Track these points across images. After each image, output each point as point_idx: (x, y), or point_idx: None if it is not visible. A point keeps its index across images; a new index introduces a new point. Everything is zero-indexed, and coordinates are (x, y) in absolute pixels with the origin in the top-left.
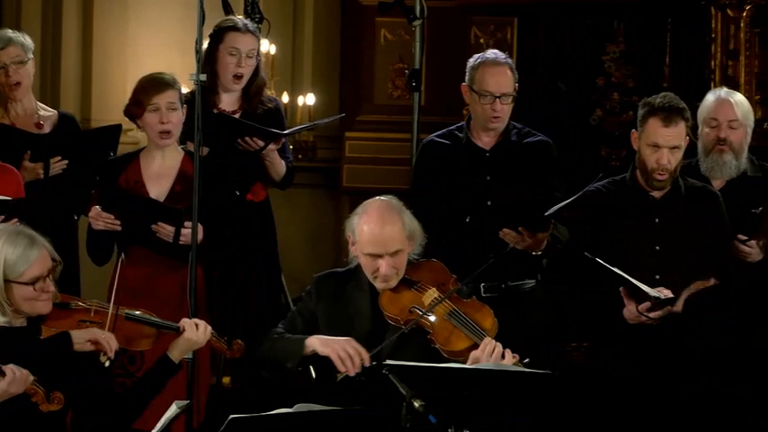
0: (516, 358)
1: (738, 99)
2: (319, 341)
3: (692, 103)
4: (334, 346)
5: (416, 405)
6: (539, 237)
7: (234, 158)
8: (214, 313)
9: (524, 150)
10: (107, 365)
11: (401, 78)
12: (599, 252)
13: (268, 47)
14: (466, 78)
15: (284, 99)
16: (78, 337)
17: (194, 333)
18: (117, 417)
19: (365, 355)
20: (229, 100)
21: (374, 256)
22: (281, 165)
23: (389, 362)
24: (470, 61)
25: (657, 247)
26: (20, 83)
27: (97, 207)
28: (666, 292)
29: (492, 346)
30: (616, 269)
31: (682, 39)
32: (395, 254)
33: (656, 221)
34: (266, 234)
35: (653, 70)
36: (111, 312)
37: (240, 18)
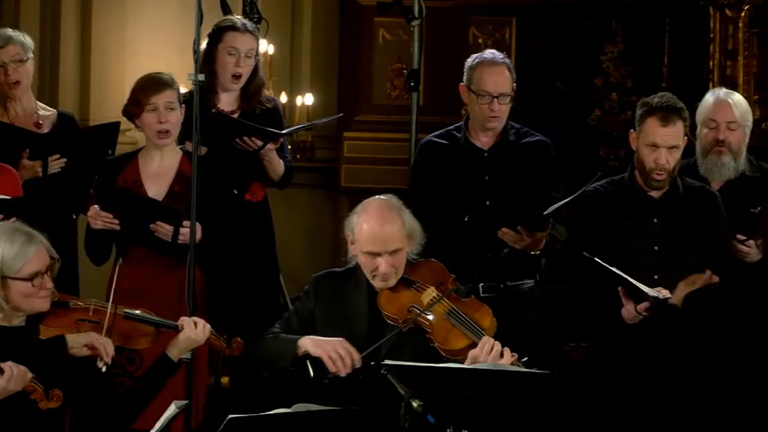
0: (515, 357)
1: (737, 100)
2: (311, 342)
3: (691, 103)
4: (326, 346)
5: (415, 405)
6: (537, 236)
7: (232, 158)
8: (214, 313)
9: (522, 150)
10: (104, 370)
11: (399, 78)
12: (597, 252)
13: (266, 47)
14: (464, 78)
15: (283, 99)
16: (74, 341)
17: (193, 331)
18: (117, 417)
19: (356, 357)
20: (228, 100)
21: (373, 254)
22: (279, 164)
23: (388, 362)
24: (468, 61)
25: (656, 247)
26: (19, 82)
27: (96, 206)
28: (665, 292)
29: (490, 344)
30: (614, 269)
31: (680, 39)
32: (394, 253)
33: (655, 221)
34: (265, 234)
35: (651, 70)
36: (110, 311)
37: (239, 18)
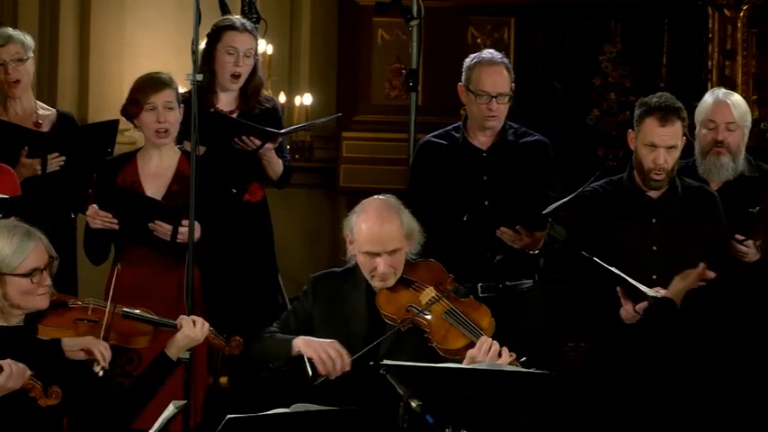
0: (513, 357)
1: (736, 100)
2: (304, 342)
3: (690, 103)
4: (317, 348)
5: (414, 405)
6: (536, 235)
7: (231, 158)
8: (214, 313)
9: (521, 150)
10: (101, 374)
11: (398, 78)
12: (596, 252)
13: (265, 47)
14: (462, 78)
15: (281, 99)
16: (70, 344)
17: (192, 330)
18: (116, 416)
19: (346, 360)
20: (227, 99)
21: (372, 254)
22: (278, 164)
23: (387, 362)
24: (466, 61)
25: (654, 247)
26: (19, 80)
27: (94, 205)
28: (663, 291)
29: (489, 344)
30: (613, 268)
31: (679, 39)
32: (393, 253)
33: (653, 221)
34: (263, 234)
35: (650, 70)
36: (109, 310)
37: (238, 18)
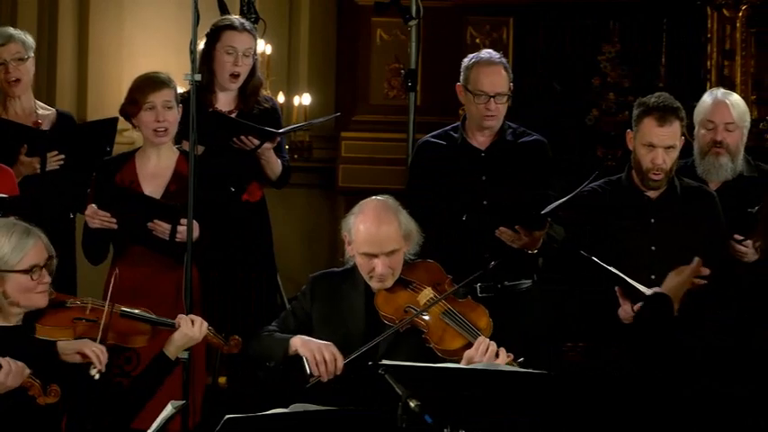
0: (510, 357)
1: (734, 100)
2: (301, 341)
3: (688, 103)
4: (313, 348)
5: (412, 405)
6: (535, 235)
7: (229, 157)
8: (214, 313)
9: (519, 150)
10: (96, 378)
11: (397, 78)
12: (595, 251)
13: (264, 47)
14: (460, 78)
15: (280, 99)
16: (65, 347)
17: (190, 329)
18: (115, 416)
19: (339, 364)
20: (226, 99)
21: (370, 255)
22: (276, 164)
23: (385, 362)
24: (465, 61)
25: (653, 248)
26: (19, 79)
27: (93, 205)
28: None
29: (486, 344)
30: (612, 268)
31: (677, 39)
32: (390, 254)
33: (652, 221)
34: (262, 234)
35: (649, 70)
36: (107, 309)
37: (237, 18)
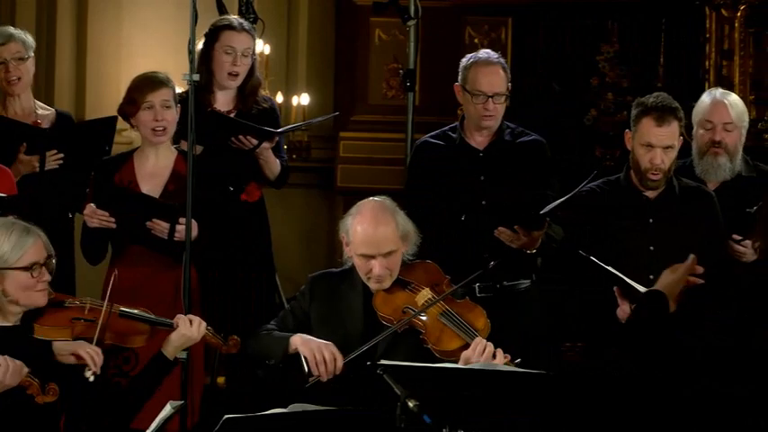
0: (507, 358)
1: (733, 100)
2: (301, 340)
3: (687, 103)
4: (313, 347)
5: (411, 405)
6: (534, 235)
7: (228, 157)
8: (214, 313)
9: (518, 150)
10: (91, 380)
11: (395, 78)
12: (594, 251)
13: (262, 47)
14: (459, 78)
15: (279, 99)
16: (61, 348)
17: (188, 329)
18: (114, 416)
19: (339, 364)
20: (224, 99)
21: (367, 256)
22: (275, 163)
23: (384, 362)
24: (463, 61)
25: (652, 248)
26: (20, 78)
27: (92, 204)
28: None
29: (483, 345)
30: (610, 268)
31: (676, 39)
32: (388, 255)
33: (651, 222)
34: (261, 234)
35: (647, 70)
36: (105, 309)
37: (236, 17)
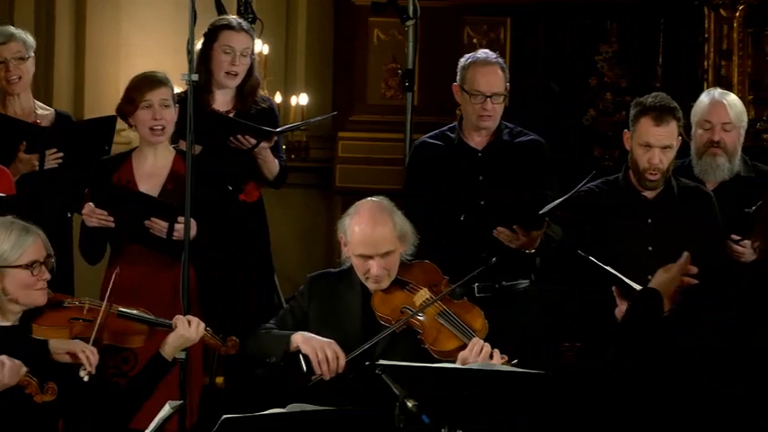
0: (505, 359)
1: (732, 100)
2: (303, 338)
3: (686, 103)
4: (315, 346)
5: (409, 405)
6: (533, 235)
7: (227, 157)
8: (214, 313)
9: (516, 150)
10: (86, 380)
11: (394, 78)
12: (592, 251)
13: (261, 47)
14: (457, 78)
15: (277, 99)
16: (57, 347)
17: (186, 329)
18: (113, 417)
19: (342, 362)
20: (223, 99)
21: (365, 257)
22: (273, 163)
23: (383, 362)
24: (461, 61)
25: (650, 248)
26: (20, 77)
27: (90, 204)
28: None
29: (480, 346)
30: (609, 268)
31: (675, 39)
32: (386, 255)
33: (649, 222)
34: (259, 234)
35: (646, 70)
36: (104, 309)
37: (234, 17)
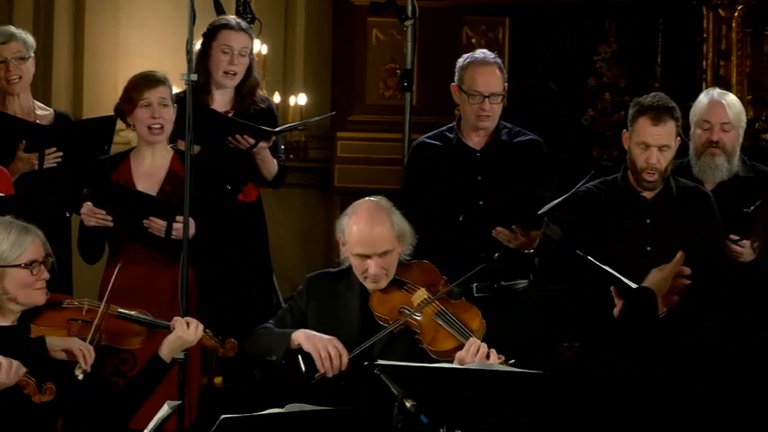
0: (501, 359)
1: (730, 100)
2: (305, 336)
3: (684, 103)
4: (317, 343)
5: (408, 405)
6: (532, 235)
7: (225, 157)
8: (214, 313)
9: (515, 150)
10: (80, 378)
11: (393, 78)
12: (591, 251)
13: (260, 47)
14: (455, 78)
15: (276, 99)
16: (53, 343)
17: (185, 331)
18: (111, 417)
19: (345, 358)
20: (222, 100)
21: (363, 256)
22: (272, 163)
23: (381, 362)
24: (459, 61)
25: (649, 248)
26: (20, 77)
27: (89, 203)
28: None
29: (477, 346)
30: (607, 267)
31: (673, 39)
32: (384, 254)
33: (648, 222)
34: (258, 234)
35: (644, 70)
36: (102, 310)
37: (233, 17)
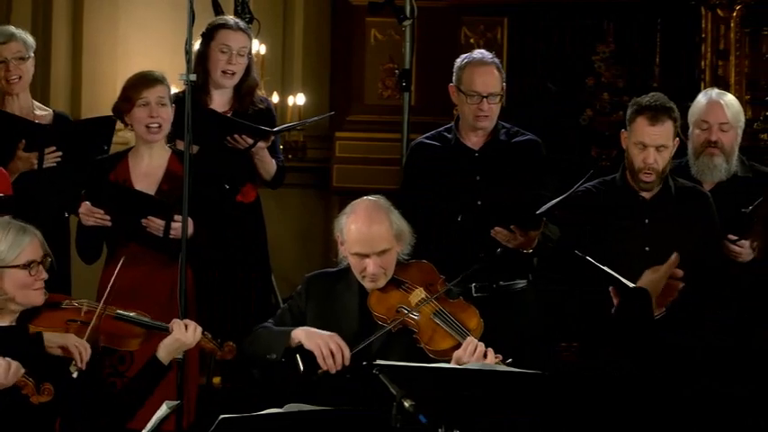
0: (499, 358)
1: (729, 100)
2: (305, 333)
3: (683, 103)
4: (318, 341)
5: (407, 405)
6: (530, 235)
7: (224, 157)
8: (213, 313)
9: (513, 150)
10: (75, 375)
11: (391, 78)
12: (589, 251)
13: (258, 47)
14: (453, 79)
15: (274, 99)
16: (50, 340)
17: (183, 334)
18: (109, 418)
19: (347, 354)
20: (221, 100)
21: (361, 255)
22: (271, 163)
23: (380, 362)
24: (457, 61)
25: (647, 248)
26: (20, 77)
27: (87, 203)
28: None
29: (474, 345)
30: (606, 267)
31: (672, 39)
32: (382, 253)
33: (646, 222)
34: (257, 234)
35: (643, 70)
36: (99, 311)
37: (232, 17)
